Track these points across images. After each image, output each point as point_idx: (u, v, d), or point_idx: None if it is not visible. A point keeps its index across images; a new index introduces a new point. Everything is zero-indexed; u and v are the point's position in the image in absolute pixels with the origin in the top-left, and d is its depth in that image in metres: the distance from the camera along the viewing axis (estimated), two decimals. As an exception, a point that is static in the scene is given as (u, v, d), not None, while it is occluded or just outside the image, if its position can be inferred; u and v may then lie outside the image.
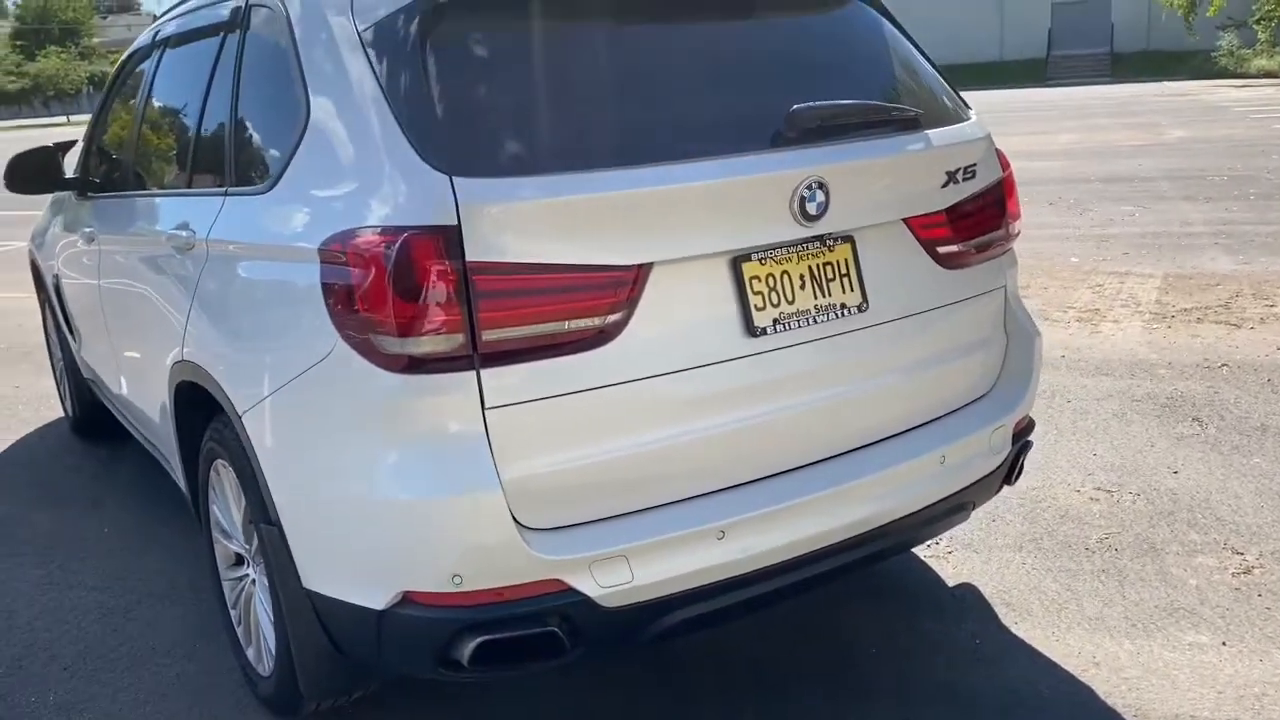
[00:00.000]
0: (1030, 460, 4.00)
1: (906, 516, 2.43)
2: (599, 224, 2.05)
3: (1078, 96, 29.70)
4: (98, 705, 2.86)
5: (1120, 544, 3.38)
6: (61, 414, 5.40)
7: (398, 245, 1.93)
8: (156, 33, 3.56)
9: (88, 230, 3.75)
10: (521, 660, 2.09)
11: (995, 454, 2.63)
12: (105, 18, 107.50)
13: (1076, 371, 5.16)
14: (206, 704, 2.83)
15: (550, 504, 2.05)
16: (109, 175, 3.89)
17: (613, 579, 2.06)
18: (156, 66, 3.48)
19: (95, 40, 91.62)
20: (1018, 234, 2.77)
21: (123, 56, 4.03)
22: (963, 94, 2.79)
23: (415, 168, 1.99)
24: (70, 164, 4.25)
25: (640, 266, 2.07)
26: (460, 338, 1.95)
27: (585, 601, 2.05)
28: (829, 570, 2.35)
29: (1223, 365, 5.10)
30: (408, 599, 2.05)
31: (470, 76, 2.14)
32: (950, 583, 3.23)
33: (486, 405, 1.98)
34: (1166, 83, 33.79)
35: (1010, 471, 2.74)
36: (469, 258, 1.94)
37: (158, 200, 3.24)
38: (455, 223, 1.93)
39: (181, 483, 3.11)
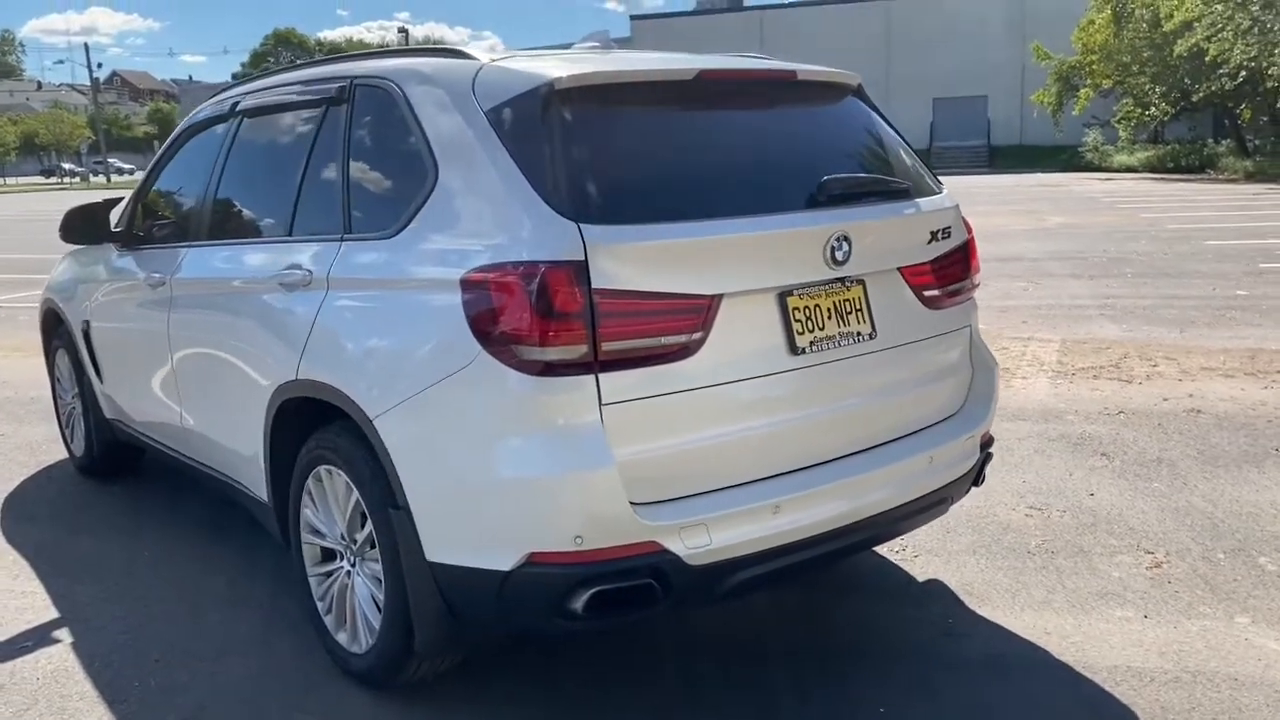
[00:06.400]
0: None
1: (907, 503, 3.04)
2: (686, 261, 2.63)
3: (962, 185, 31.54)
4: (197, 686, 3.24)
5: (1054, 548, 4.05)
6: (63, 456, 5.68)
7: (540, 274, 2.48)
8: (236, 103, 4.02)
9: (155, 275, 4.13)
10: (623, 610, 2.60)
11: (967, 459, 3.27)
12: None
13: (998, 417, 5.89)
14: (295, 683, 3.23)
15: (649, 481, 2.59)
16: (174, 227, 4.29)
17: (696, 542, 2.60)
18: (235, 133, 3.94)
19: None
20: (978, 284, 3.45)
21: (181, 125, 4.45)
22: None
23: (547, 216, 2.54)
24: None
25: (714, 296, 2.66)
26: (584, 348, 2.49)
27: (675, 560, 2.58)
28: (852, 544, 2.95)
29: (1120, 412, 5.91)
30: (532, 559, 2.55)
31: (584, 150, 2.71)
32: (920, 579, 3.84)
33: (603, 401, 2.52)
34: (1040, 174, 36.25)
35: (977, 474, 3.37)
36: (594, 285, 2.49)
37: (251, 247, 3.66)
38: (583, 258, 2.49)
39: (264, 495, 3.51)
